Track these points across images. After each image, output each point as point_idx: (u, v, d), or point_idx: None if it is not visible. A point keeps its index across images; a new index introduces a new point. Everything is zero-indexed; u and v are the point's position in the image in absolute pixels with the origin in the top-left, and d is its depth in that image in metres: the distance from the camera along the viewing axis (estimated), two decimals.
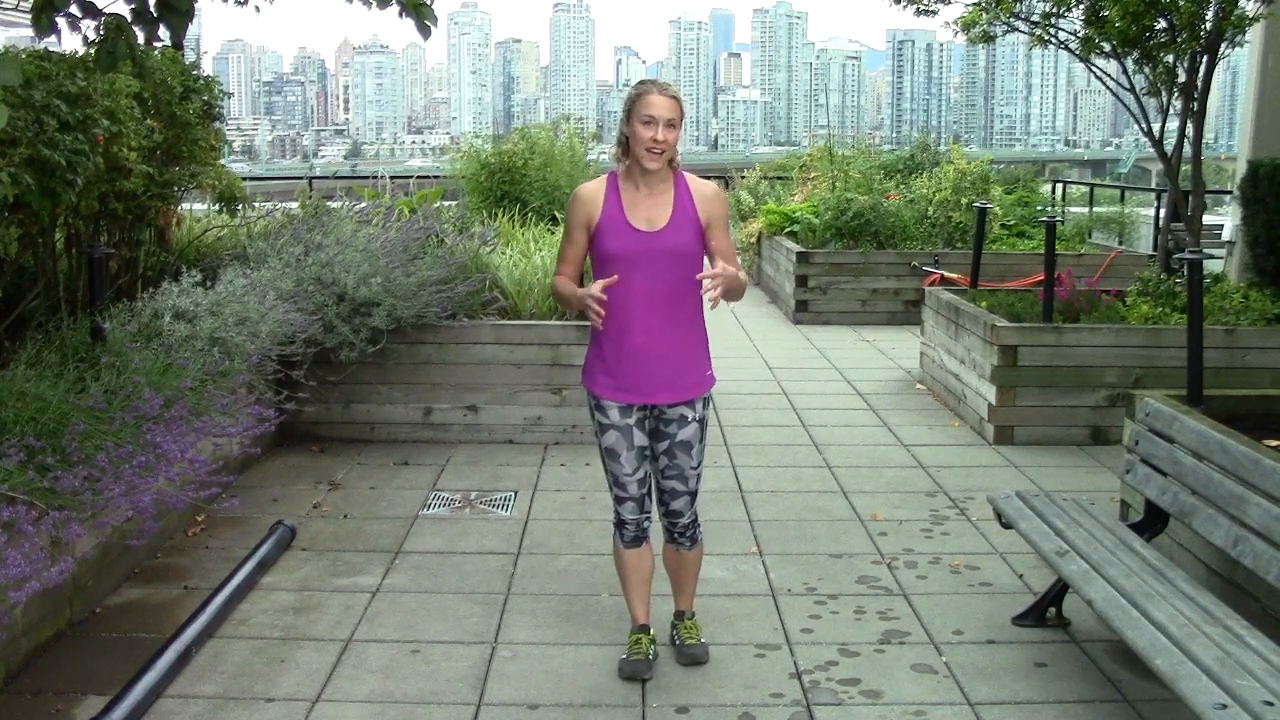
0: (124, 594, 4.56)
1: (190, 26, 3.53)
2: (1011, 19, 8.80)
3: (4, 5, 7.19)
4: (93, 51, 3.52)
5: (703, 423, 3.86)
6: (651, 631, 4.02)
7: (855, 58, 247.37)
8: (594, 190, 3.76)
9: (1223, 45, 7.91)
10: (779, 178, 16.08)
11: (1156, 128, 8.62)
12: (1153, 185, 19.11)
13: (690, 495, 3.94)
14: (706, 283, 3.46)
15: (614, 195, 3.73)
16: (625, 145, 3.68)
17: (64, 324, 5.01)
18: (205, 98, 6.40)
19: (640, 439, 3.83)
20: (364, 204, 7.81)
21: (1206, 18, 7.75)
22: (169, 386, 4.63)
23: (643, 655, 3.93)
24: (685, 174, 3.77)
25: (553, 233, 9.55)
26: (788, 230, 12.94)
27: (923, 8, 9.39)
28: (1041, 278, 7.68)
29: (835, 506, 5.78)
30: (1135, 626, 3.32)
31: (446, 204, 10.05)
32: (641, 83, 3.72)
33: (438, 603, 4.55)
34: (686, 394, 3.78)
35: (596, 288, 3.57)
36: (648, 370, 3.74)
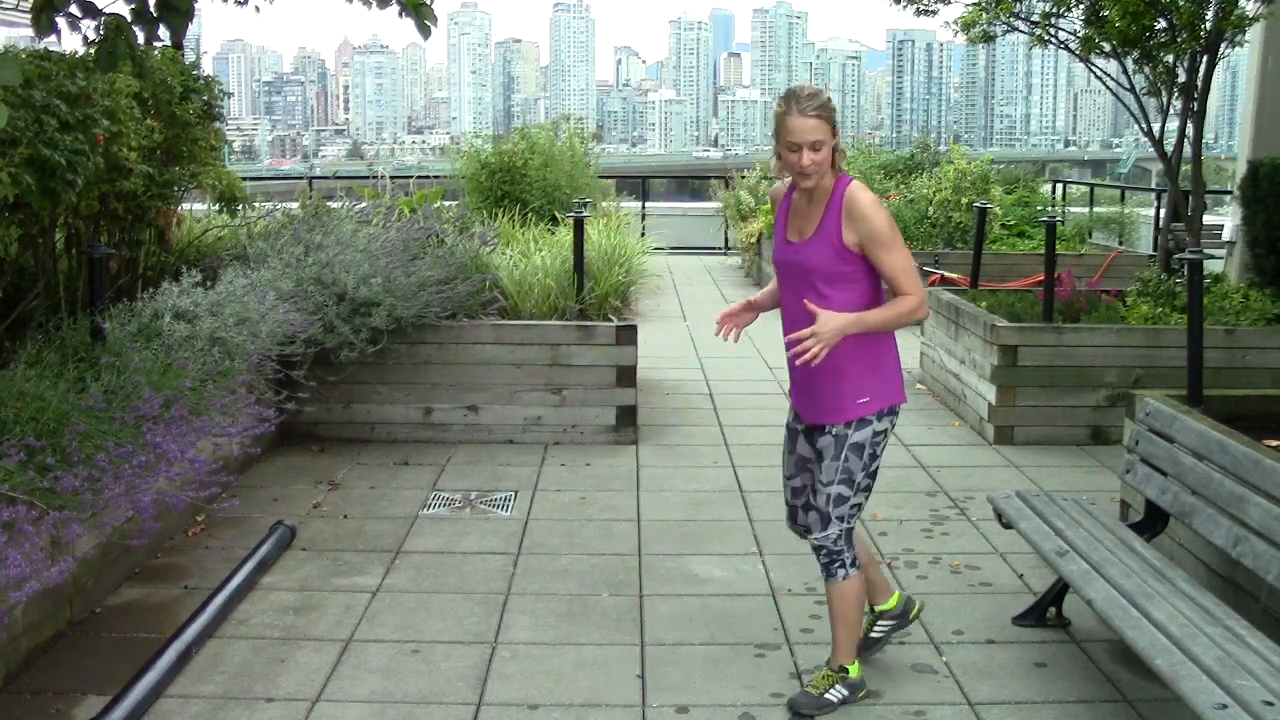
0: (124, 594, 4.56)
1: (190, 26, 3.53)
2: (1011, 19, 8.80)
3: (4, 5, 7.19)
4: (93, 51, 3.52)
5: (840, 439, 3.57)
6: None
7: (855, 58, 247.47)
8: (776, 193, 3.71)
9: (1223, 45, 7.92)
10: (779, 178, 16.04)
11: (1156, 128, 8.62)
12: (1153, 185, 19.13)
13: (819, 513, 3.62)
14: (807, 339, 3.33)
15: (787, 201, 3.65)
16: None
17: (64, 324, 5.01)
18: (205, 98, 6.40)
19: (802, 447, 3.73)
20: (364, 204, 7.82)
21: (1206, 18, 7.75)
22: (169, 386, 4.63)
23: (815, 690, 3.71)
24: (849, 183, 3.51)
25: (553, 233, 9.56)
26: None
27: (923, 8, 9.39)
28: (1041, 278, 7.68)
29: None
30: (1135, 626, 3.32)
31: (446, 204, 10.06)
32: (784, 98, 3.45)
33: (438, 603, 4.55)
34: (820, 417, 3.61)
35: (734, 307, 3.75)
36: (794, 383, 3.72)
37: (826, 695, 3.70)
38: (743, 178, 16.42)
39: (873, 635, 4.01)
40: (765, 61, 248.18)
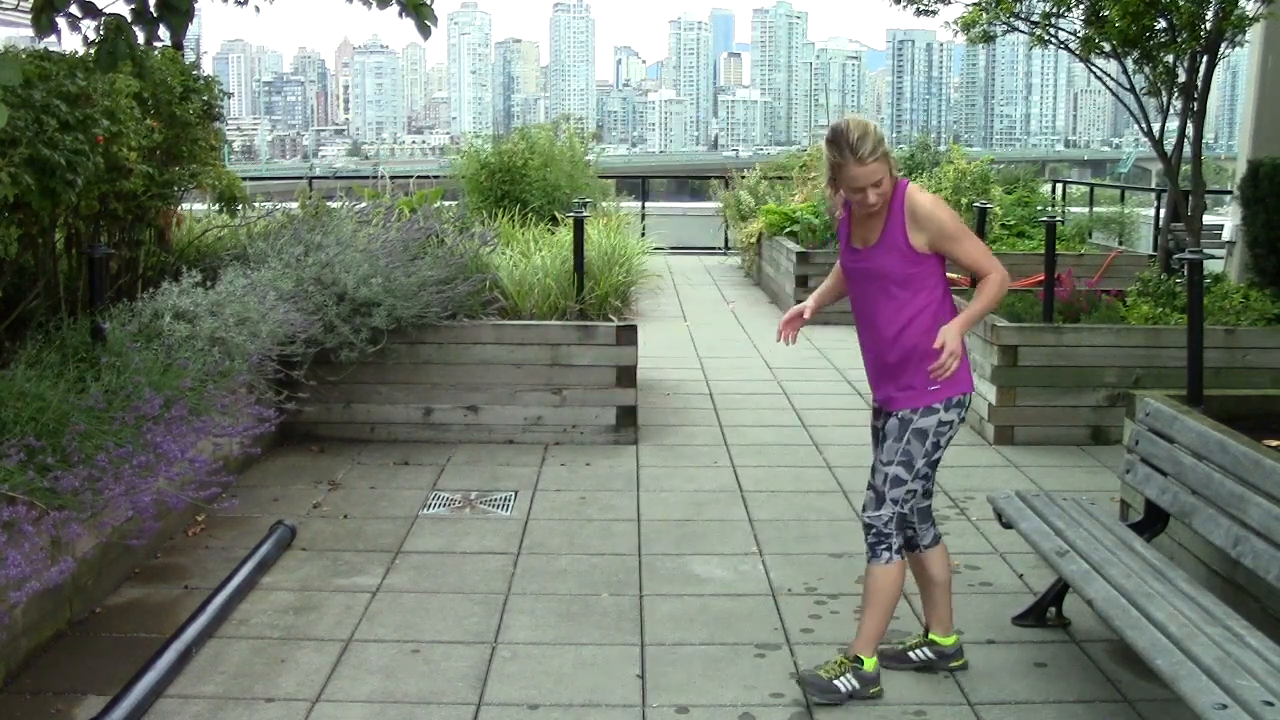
0: (124, 594, 4.56)
1: (190, 26, 3.52)
2: (1011, 19, 8.81)
3: (4, 5, 7.19)
4: (93, 51, 3.52)
5: (905, 423, 3.67)
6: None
7: (855, 58, 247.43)
8: (838, 200, 3.74)
9: (1223, 45, 7.92)
10: (779, 178, 16.09)
11: (1156, 128, 8.62)
12: (1153, 185, 19.13)
13: (875, 492, 3.73)
14: (937, 368, 3.48)
15: (847, 208, 3.73)
16: None
17: (64, 324, 5.01)
18: (205, 98, 6.40)
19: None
20: (364, 204, 7.82)
21: (1206, 18, 7.75)
22: (169, 386, 4.63)
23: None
24: (906, 186, 3.63)
25: (552, 233, 9.56)
26: (788, 230, 12.94)
27: (923, 8, 9.39)
28: (1041, 278, 7.68)
29: (835, 506, 5.78)
30: (1135, 626, 3.32)
31: (446, 204, 10.06)
32: (836, 146, 3.53)
33: (438, 603, 4.55)
34: (891, 404, 3.72)
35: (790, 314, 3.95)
36: (869, 372, 3.84)
37: (835, 682, 3.72)
38: (743, 178, 16.43)
39: (910, 656, 3.97)
40: (765, 61, 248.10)
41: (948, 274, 3.77)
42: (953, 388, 3.65)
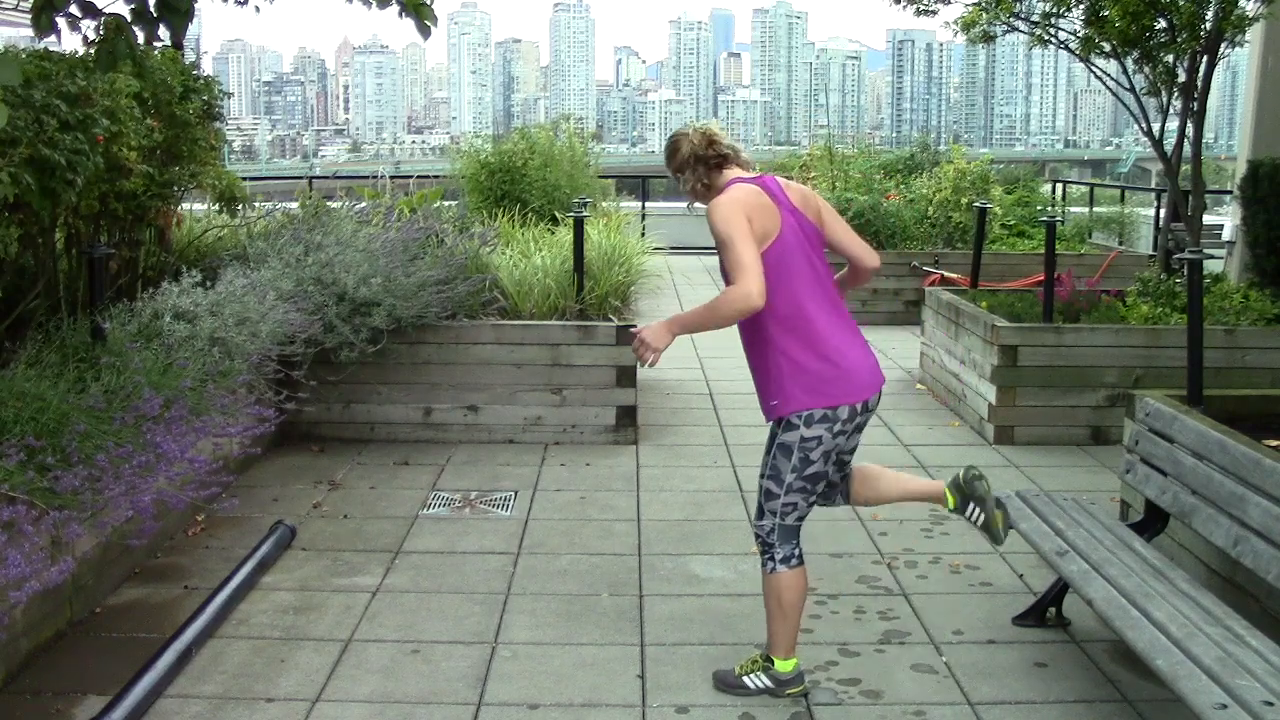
0: (124, 594, 4.56)
1: (190, 26, 3.52)
2: (1011, 19, 8.81)
3: (4, 5, 7.19)
4: (93, 51, 3.52)
5: (771, 436, 3.71)
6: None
7: (855, 58, 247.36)
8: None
9: (1223, 45, 7.92)
10: None
11: (1156, 128, 8.62)
12: (1153, 185, 19.13)
13: (757, 504, 3.75)
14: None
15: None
16: None
17: (64, 324, 5.01)
18: (205, 98, 6.40)
19: None
20: (364, 204, 7.82)
21: (1206, 18, 7.75)
22: (169, 386, 4.63)
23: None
24: (729, 186, 3.71)
25: (552, 233, 9.56)
26: None
27: (923, 8, 9.39)
28: (1041, 278, 7.68)
29: (835, 507, 5.76)
30: (1135, 626, 3.32)
31: (446, 204, 10.05)
32: None
33: (438, 603, 4.55)
34: (766, 414, 3.73)
35: None
36: None
37: (744, 679, 3.80)
38: None
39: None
40: (765, 61, 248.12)
41: (945, 275, 3.77)
42: (812, 400, 3.53)
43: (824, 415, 3.55)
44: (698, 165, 3.71)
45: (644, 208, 17.34)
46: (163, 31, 3.49)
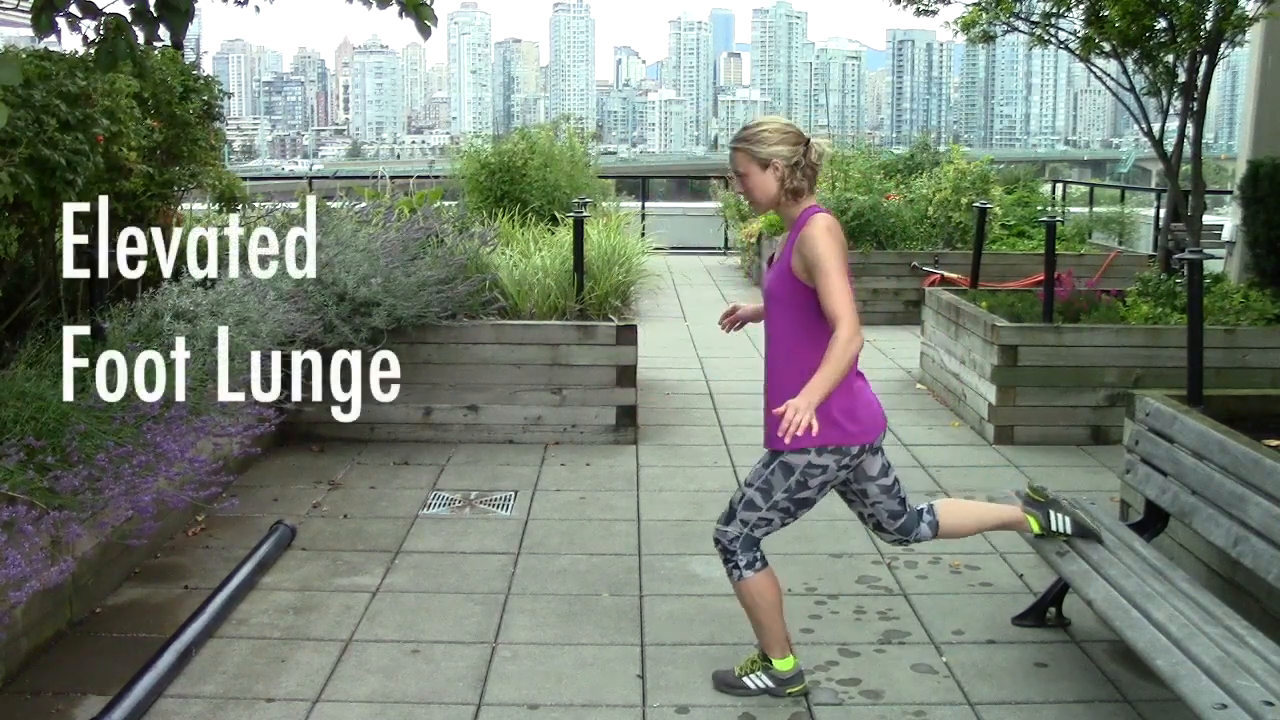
0: (124, 594, 4.56)
1: (190, 26, 3.53)
2: (1011, 19, 8.81)
3: (4, 5, 7.18)
4: (93, 51, 3.52)
5: (776, 452, 3.64)
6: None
7: (855, 58, 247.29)
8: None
9: (1223, 45, 7.92)
10: None
11: (1156, 128, 8.62)
12: (1153, 185, 19.13)
13: (729, 506, 3.70)
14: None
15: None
16: None
17: (64, 324, 5.00)
18: (205, 97, 6.40)
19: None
20: (364, 204, 7.81)
21: (1206, 18, 7.75)
22: (169, 386, 4.62)
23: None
24: (815, 212, 3.51)
25: (553, 233, 9.56)
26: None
27: (923, 8, 9.39)
28: (1041, 278, 7.68)
29: (835, 506, 5.74)
30: (1135, 626, 3.32)
31: (446, 204, 10.05)
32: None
33: (438, 603, 4.55)
34: (768, 442, 3.69)
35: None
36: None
37: (744, 679, 3.79)
38: None
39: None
40: (765, 61, 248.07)
41: (945, 275, 3.76)
42: (830, 436, 3.50)
43: (837, 448, 3.56)
44: (806, 171, 3.50)
45: (644, 208, 17.36)
46: (163, 31, 3.49)
